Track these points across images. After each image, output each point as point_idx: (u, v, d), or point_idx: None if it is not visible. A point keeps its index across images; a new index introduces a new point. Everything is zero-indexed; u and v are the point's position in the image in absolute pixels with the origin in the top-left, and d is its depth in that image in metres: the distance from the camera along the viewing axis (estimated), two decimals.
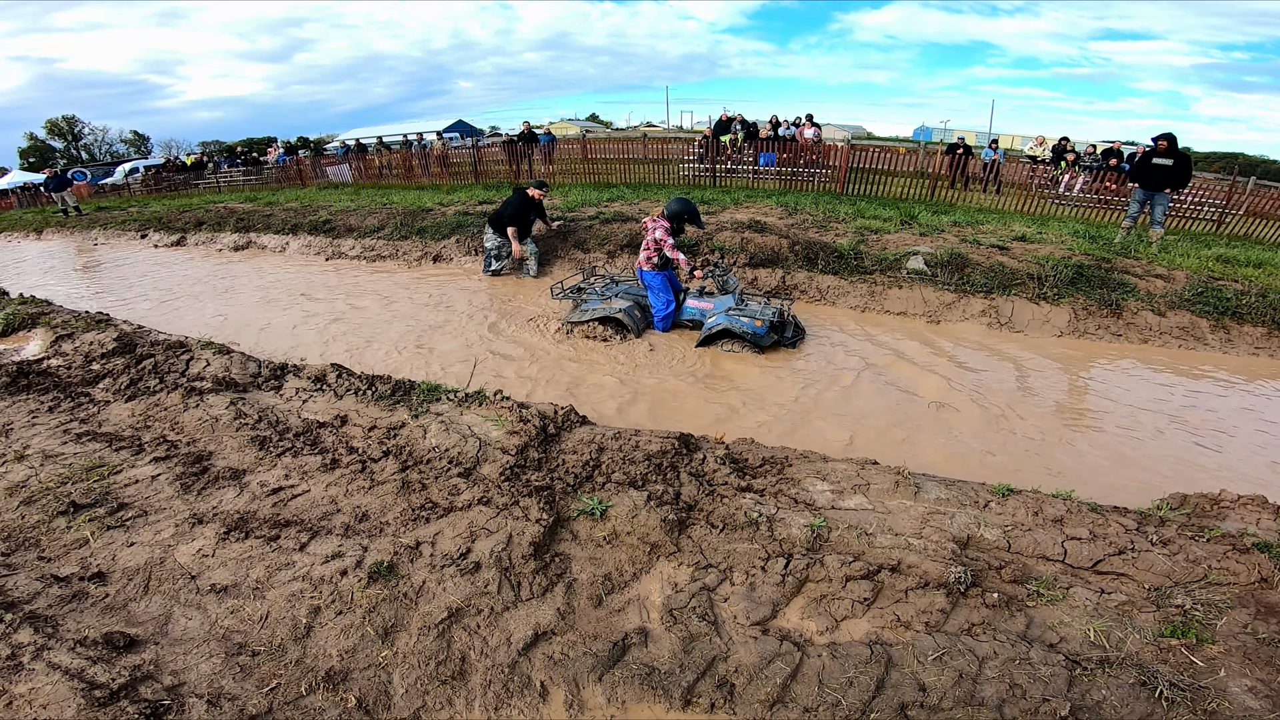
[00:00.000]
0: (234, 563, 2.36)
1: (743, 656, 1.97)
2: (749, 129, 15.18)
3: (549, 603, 2.18)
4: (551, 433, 3.49)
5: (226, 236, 11.42)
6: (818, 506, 2.77)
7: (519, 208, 7.50)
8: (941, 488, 2.94)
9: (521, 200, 7.52)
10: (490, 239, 7.78)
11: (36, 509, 2.75)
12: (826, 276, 7.07)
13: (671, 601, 2.21)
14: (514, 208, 7.51)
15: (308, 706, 1.70)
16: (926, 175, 12.46)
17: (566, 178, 14.32)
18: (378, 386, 4.16)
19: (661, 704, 1.82)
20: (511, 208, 7.53)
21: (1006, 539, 2.55)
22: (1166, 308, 6.18)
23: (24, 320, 6.04)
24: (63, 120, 56.59)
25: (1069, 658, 1.94)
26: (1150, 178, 8.25)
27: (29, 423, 3.76)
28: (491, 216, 7.81)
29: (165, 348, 5.11)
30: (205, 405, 3.95)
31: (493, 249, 7.84)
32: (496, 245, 7.79)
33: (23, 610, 1.99)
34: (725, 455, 3.26)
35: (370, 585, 2.19)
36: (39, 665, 1.69)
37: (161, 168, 25.72)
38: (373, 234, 9.80)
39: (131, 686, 1.66)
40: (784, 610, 2.19)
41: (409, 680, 1.83)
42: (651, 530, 2.55)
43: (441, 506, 2.77)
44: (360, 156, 18.54)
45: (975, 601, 2.18)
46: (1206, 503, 3.03)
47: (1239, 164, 22.72)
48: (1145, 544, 2.52)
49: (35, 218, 16.87)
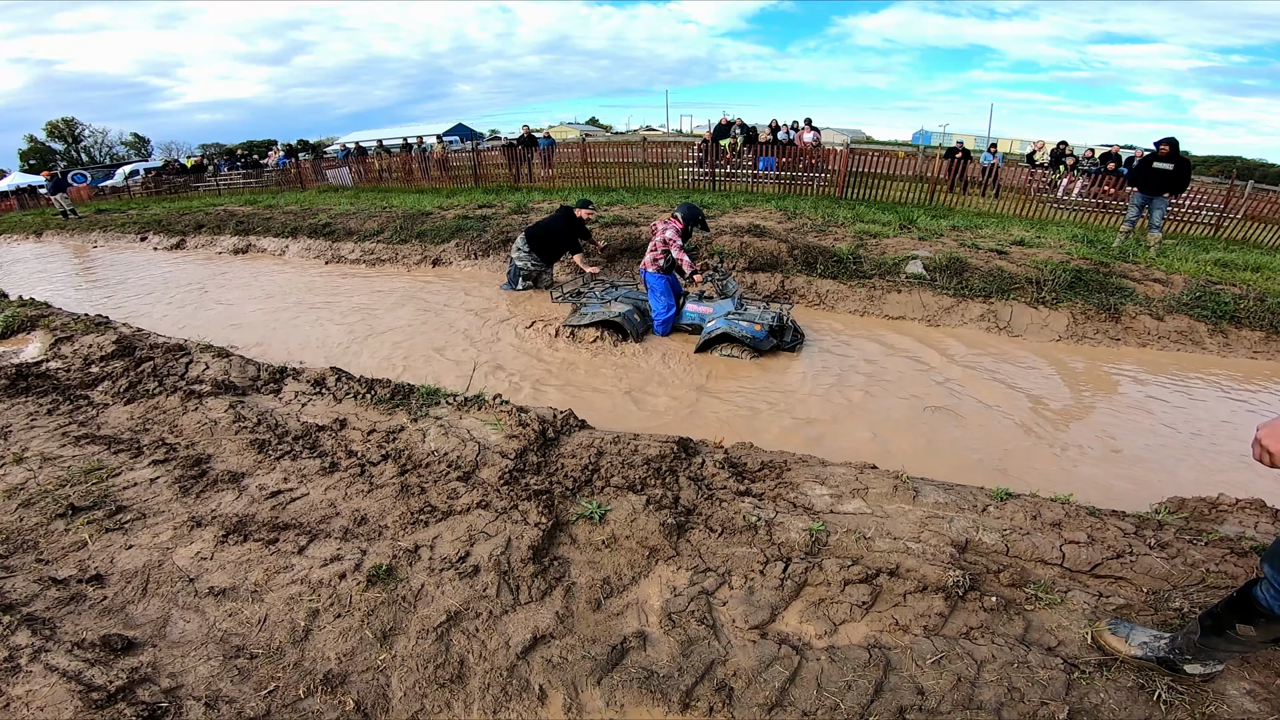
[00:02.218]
0: (232, 565, 2.35)
1: (741, 660, 1.97)
2: (748, 133, 15.22)
3: (548, 606, 2.18)
4: (550, 437, 3.49)
5: (226, 239, 11.43)
6: (816, 510, 2.77)
7: (568, 230, 6.80)
8: (940, 492, 2.94)
9: (568, 222, 6.82)
10: (522, 257, 7.01)
11: (35, 511, 2.75)
12: (825, 281, 7.08)
13: (670, 605, 2.21)
14: (564, 231, 6.80)
15: (306, 709, 1.70)
16: (925, 179, 12.48)
17: (566, 182, 14.35)
18: (377, 390, 4.16)
19: (660, 707, 1.82)
20: (562, 231, 6.81)
21: (1005, 543, 2.55)
22: (1165, 312, 6.19)
23: (23, 323, 6.04)
24: (63, 122, 56.52)
25: (1067, 661, 1.94)
26: (1150, 182, 8.26)
27: (28, 425, 3.76)
28: (531, 232, 6.94)
29: (164, 350, 5.10)
30: (204, 408, 3.95)
31: (523, 269, 7.11)
32: (530, 266, 7.08)
33: (20, 612, 1.99)
34: (724, 459, 3.26)
35: (369, 588, 2.19)
36: (36, 667, 1.69)
37: (161, 170, 25.70)
38: (372, 237, 9.81)
39: (129, 689, 1.65)
40: (782, 614, 2.19)
41: (407, 683, 1.83)
42: (650, 534, 2.55)
43: (440, 510, 2.77)
44: (360, 160, 18.57)
45: (973, 605, 2.18)
46: (1205, 506, 3.03)
47: (1237, 168, 22.74)
48: (1143, 547, 2.52)
49: (35, 220, 16.88)
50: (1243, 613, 1.74)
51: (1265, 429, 1.49)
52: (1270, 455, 1.47)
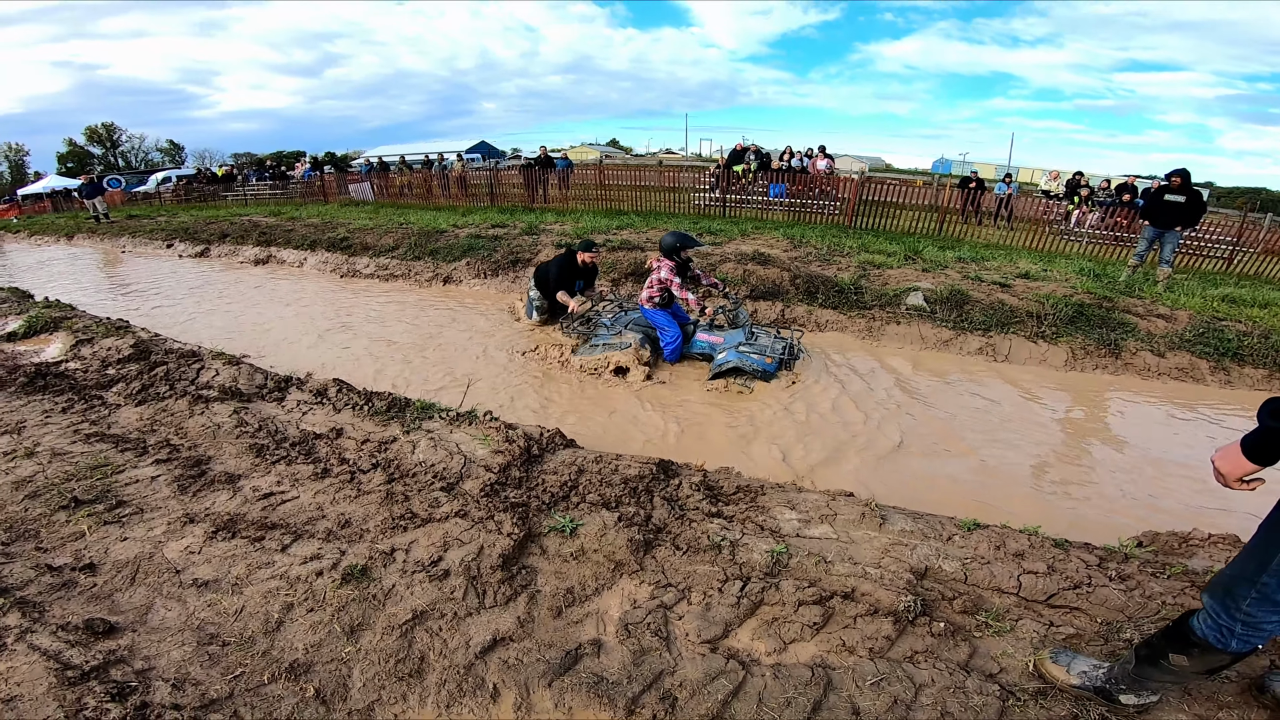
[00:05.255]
0: (218, 560, 2.49)
1: (689, 672, 2.04)
2: (762, 159, 15.43)
3: (511, 611, 2.28)
4: (535, 453, 3.60)
5: (248, 250, 11.80)
6: (783, 534, 2.85)
7: (562, 272, 6.62)
8: (909, 520, 3.00)
9: (567, 263, 6.66)
10: (533, 289, 7.10)
11: (40, 503, 2.91)
12: (826, 310, 7.16)
13: (628, 616, 2.29)
14: (557, 271, 6.65)
15: (267, 694, 1.81)
16: (936, 209, 12.54)
17: (580, 204, 14.61)
18: (375, 402, 4.31)
19: (606, 712, 1.90)
20: (555, 271, 6.68)
21: (964, 571, 2.60)
22: (1166, 348, 6.18)
23: (47, 324, 6.31)
24: (102, 127, 58.35)
25: (1005, 688, 1.99)
26: (1161, 215, 8.17)
27: (42, 422, 3.95)
28: (538, 270, 7.07)
29: (179, 356, 5.32)
30: (210, 412, 4.12)
31: (535, 299, 7.11)
32: (538, 297, 7.04)
33: (14, 596, 2.13)
34: (701, 481, 3.34)
35: (343, 586, 2.31)
36: (20, 646, 1.82)
37: (193, 178, 26.53)
38: (387, 253, 10.09)
39: (103, 669, 1.78)
40: (736, 631, 2.27)
41: (368, 675, 1.93)
42: (618, 549, 2.65)
43: (420, 517, 2.88)
44: (382, 175, 19.07)
45: (922, 630, 2.24)
46: (1176, 540, 3.05)
47: (1260, 200, 22.44)
48: (1103, 579, 2.56)
49: (68, 222, 17.52)
50: (1178, 642, 1.79)
51: (1218, 453, 1.62)
52: (1222, 476, 1.61)
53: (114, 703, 1.63)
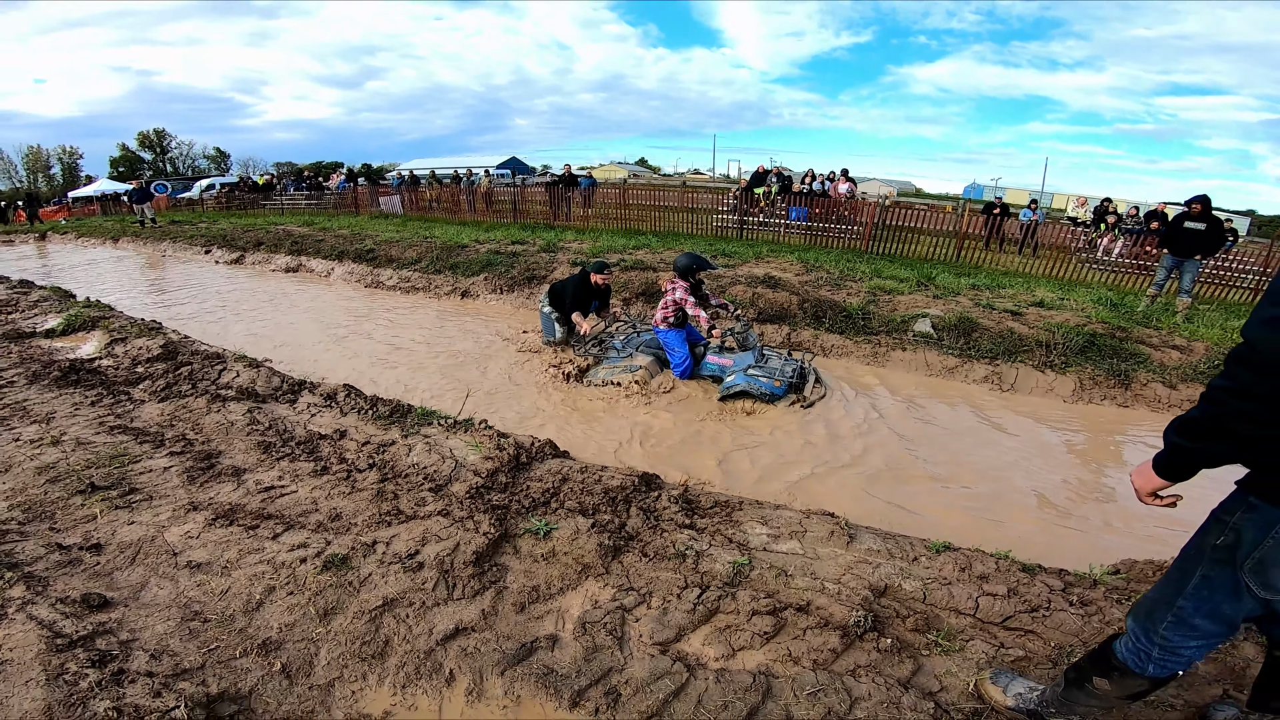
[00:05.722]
0: (213, 545, 2.67)
1: (636, 671, 2.14)
2: (784, 182, 15.55)
3: (476, 604, 2.41)
4: (524, 461, 3.75)
5: (280, 258, 12.29)
6: (750, 547, 2.93)
7: (577, 293, 6.59)
8: (878, 540, 3.06)
9: (581, 284, 6.62)
10: (546, 305, 7.03)
11: (59, 487, 3.15)
12: (832, 335, 7.19)
13: (588, 616, 2.40)
14: (573, 292, 6.61)
15: (237, 667, 1.97)
16: (954, 235, 12.45)
17: (601, 223, 14.86)
18: (379, 407, 4.52)
19: (552, 702, 2.01)
20: (571, 291, 6.65)
21: (924, 590, 2.65)
22: (1179, 380, 6.07)
23: (85, 322, 6.70)
24: (153, 133, 60.66)
25: (940, 706, 2.04)
26: (1180, 242, 8.01)
27: (70, 413, 4.24)
28: (552, 288, 7.03)
29: (204, 357, 5.62)
30: (226, 410, 4.36)
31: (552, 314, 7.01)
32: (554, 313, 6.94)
33: (22, 570, 2.34)
34: (680, 495, 3.44)
35: (323, 572, 2.47)
36: (20, 616, 2.02)
37: (235, 186, 27.59)
38: (410, 266, 10.43)
39: (90, 638, 1.96)
40: (689, 635, 2.36)
41: (333, 654, 2.08)
42: (587, 553, 2.76)
43: (406, 514, 3.04)
44: (412, 189, 19.66)
45: (869, 645, 2.30)
46: (1151, 569, 3.05)
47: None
48: (1063, 604, 2.59)
49: (114, 226, 18.40)
50: (1101, 666, 1.83)
51: (1135, 470, 1.69)
52: (1138, 491, 1.68)
53: (93, 668, 1.80)
